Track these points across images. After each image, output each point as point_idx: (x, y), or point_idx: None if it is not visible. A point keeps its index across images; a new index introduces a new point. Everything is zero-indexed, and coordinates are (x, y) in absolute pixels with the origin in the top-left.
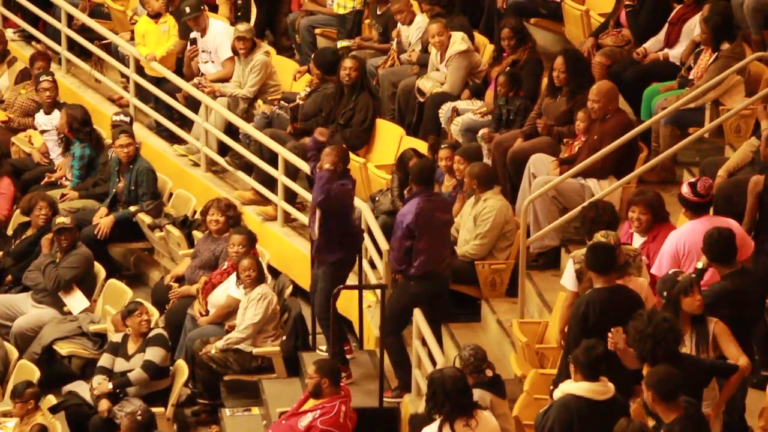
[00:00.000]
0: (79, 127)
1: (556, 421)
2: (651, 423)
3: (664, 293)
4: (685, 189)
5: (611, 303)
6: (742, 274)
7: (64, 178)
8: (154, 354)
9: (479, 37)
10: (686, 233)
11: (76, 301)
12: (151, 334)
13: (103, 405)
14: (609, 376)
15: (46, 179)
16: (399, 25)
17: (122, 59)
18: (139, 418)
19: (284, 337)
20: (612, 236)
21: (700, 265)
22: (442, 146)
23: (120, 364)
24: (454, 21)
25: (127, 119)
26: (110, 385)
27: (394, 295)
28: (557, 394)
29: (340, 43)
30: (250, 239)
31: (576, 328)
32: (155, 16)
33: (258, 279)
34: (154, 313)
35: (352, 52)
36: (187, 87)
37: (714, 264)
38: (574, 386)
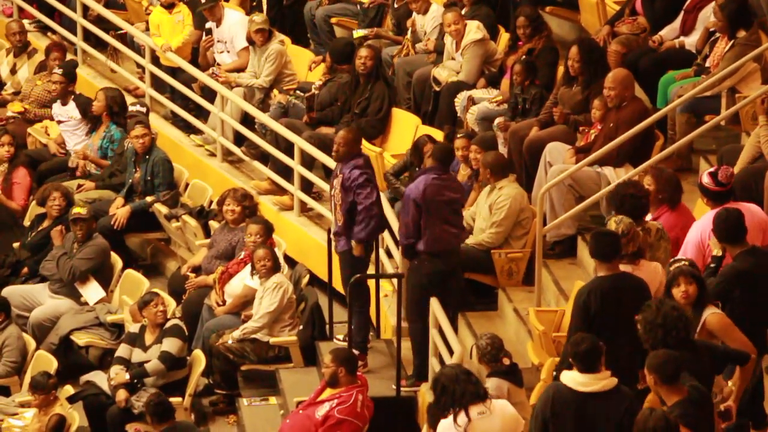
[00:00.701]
0: (119, 110)
1: (535, 406)
2: None
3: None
4: (705, 179)
5: (614, 291)
6: (753, 254)
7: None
8: (171, 345)
9: None
10: (710, 223)
11: (91, 291)
12: (167, 325)
13: (121, 395)
14: (609, 363)
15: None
16: (414, 14)
17: (138, 49)
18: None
19: (301, 327)
20: (624, 224)
21: (716, 252)
22: (458, 135)
23: (137, 355)
24: (479, 11)
25: (143, 110)
26: (127, 376)
27: (409, 281)
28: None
29: (357, 33)
30: (267, 229)
31: (578, 317)
32: (169, 6)
33: (273, 268)
34: (171, 303)
35: (368, 41)
36: (202, 77)
37: (725, 244)
38: (564, 374)
